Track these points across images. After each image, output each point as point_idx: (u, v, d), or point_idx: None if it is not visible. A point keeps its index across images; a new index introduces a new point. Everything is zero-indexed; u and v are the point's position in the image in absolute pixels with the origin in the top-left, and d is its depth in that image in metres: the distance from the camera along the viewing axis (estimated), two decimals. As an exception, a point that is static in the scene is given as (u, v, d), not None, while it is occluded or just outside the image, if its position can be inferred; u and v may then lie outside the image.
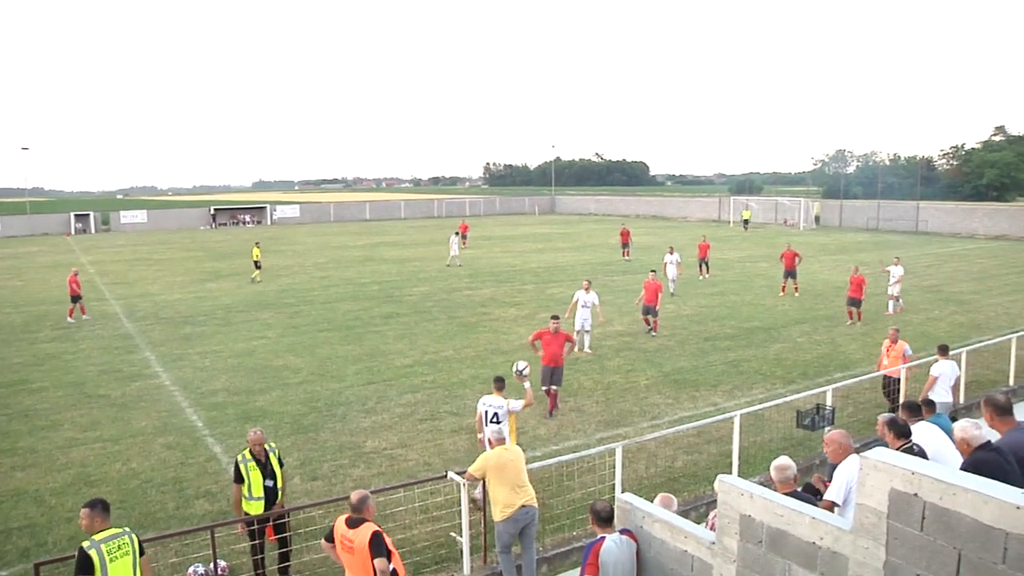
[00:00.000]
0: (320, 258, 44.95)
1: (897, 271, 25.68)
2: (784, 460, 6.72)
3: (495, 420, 11.20)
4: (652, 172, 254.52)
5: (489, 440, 9.08)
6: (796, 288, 28.84)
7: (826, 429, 12.12)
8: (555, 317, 15.64)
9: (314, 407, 15.81)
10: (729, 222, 70.83)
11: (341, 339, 22.19)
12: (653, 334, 21.91)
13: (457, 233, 43.27)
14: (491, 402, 11.33)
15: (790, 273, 28.82)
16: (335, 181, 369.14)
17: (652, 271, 23.51)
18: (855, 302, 23.99)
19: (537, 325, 23.61)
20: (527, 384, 12.05)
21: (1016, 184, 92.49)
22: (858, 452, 6.03)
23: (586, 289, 20.28)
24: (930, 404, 9.23)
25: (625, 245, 43.06)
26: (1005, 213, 58.22)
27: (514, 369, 12.47)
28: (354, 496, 7.03)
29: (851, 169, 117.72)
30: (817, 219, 68.21)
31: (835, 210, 68.22)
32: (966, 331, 22.22)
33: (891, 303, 25.54)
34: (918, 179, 79.85)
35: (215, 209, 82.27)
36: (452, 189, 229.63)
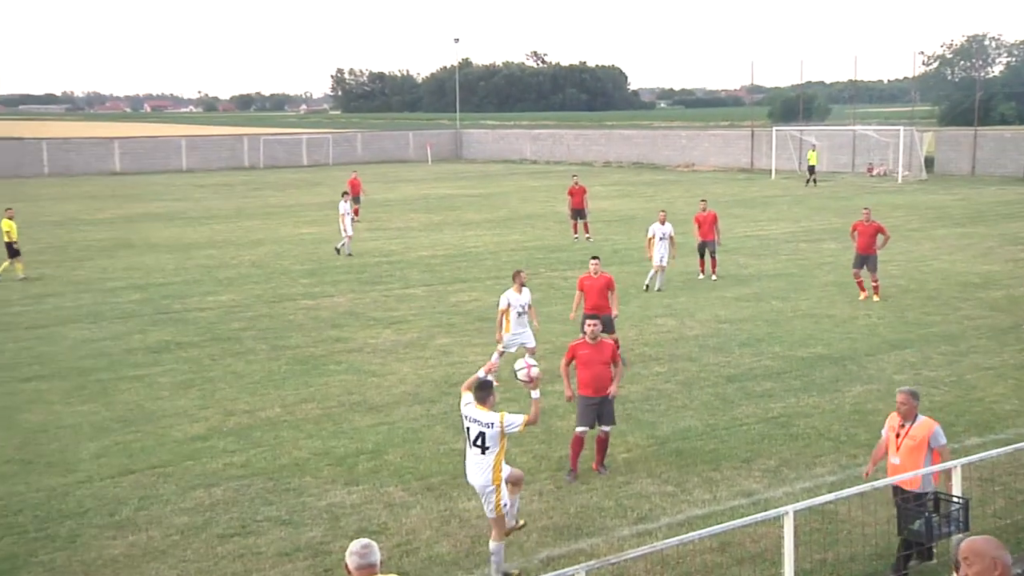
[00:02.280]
0: (25, 244, 43.96)
1: None
2: None
3: (479, 443, 12.12)
4: (633, 86, 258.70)
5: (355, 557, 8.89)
6: (875, 286, 29.05)
7: (954, 537, 12.30)
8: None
9: (12, 525, 15.39)
10: (771, 172, 72.00)
11: (68, 392, 21.79)
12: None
13: (346, 195, 43.46)
14: (475, 416, 12.28)
15: (865, 259, 29.12)
16: (48, 100, 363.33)
17: (594, 259, 22.95)
18: None
19: (433, 354, 23.72)
20: (535, 393, 12.94)
21: None
22: None
23: (518, 286, 20.97)
24: None
25: (579, 214, 43.55)
26: None
27: (515, 370, 13.57)
28: None
29: (996, 71, 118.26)
30: (929, 163, 69.71)
31: (964, 146, 70.13)
32: None
33: None
34: None
35: None
36: (277, 118, 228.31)
